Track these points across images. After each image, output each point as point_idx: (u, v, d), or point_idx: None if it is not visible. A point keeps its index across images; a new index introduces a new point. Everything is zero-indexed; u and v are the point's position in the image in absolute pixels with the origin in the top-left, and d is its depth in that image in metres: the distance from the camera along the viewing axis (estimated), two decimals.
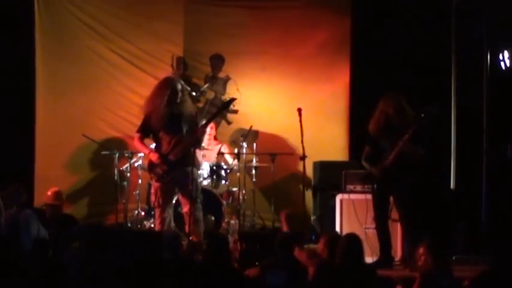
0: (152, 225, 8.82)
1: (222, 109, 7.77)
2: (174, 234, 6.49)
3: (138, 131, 7.56)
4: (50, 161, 9.40)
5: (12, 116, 9.23)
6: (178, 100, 7.32)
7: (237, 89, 9.58)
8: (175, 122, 7.31)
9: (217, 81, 9.79)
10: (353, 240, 5.66)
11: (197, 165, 7.71)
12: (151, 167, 7.48)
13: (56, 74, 9.53)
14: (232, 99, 7.68)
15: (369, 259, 6.91)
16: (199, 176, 7.98)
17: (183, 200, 7.54)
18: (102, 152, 8.90)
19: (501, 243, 8.08)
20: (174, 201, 7.84)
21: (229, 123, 9.79)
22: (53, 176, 9.30)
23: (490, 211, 8.78)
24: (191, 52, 9.81)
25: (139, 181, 8.95)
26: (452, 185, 9.01)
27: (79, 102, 9.53)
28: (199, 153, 8.24)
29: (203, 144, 8.34)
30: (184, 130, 7.34)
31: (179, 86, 7.38)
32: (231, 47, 9.75)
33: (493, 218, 8.75)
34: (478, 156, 8.85)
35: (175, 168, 7.30)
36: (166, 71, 9.64)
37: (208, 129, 8.53)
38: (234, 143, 9.28)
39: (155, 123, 7.32)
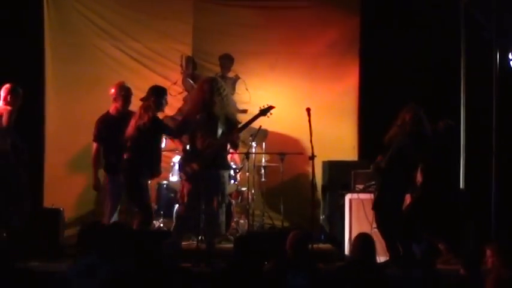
0: (162, 225, 8.85)
1: (259, 115, 7.57)
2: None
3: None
4: (59, 160, 9.41)
5: (22, 115, 9.20)
6: (219, 101, 7.28)
7: (246, 89, 9.59)
8: (213, 123, 7.26)
9: (227, 81, 9.74)
10: (366, 240, 5.68)
11: (228, 168, 7.64)
12: (182, 165, 7.45)
13: (65, 73, 9.53)
14: (271, 107, 7.54)
15: (378, 258, 6.92)
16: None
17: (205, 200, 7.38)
18: None
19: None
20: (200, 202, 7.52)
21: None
22: (62, 176, 9.35)
23: (499, 211, 8.78)
24: (200, 52, 9.81)
25: None
26: (461, 185, 9.00)
27: (88, 101, 9.49)
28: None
29: None
30: (220, 132, 7.29)
31: (221, 88, 7.35)
32: (240, 46, 9.75)
33: (502, 218, 8.75)
34: (487, 156, 8.85)
35: (206, 170, 7.23)
36: (175, 71, 9.65)
37: None
38: (243, 142, 9.27)
39: (193, 122, 7.29)
